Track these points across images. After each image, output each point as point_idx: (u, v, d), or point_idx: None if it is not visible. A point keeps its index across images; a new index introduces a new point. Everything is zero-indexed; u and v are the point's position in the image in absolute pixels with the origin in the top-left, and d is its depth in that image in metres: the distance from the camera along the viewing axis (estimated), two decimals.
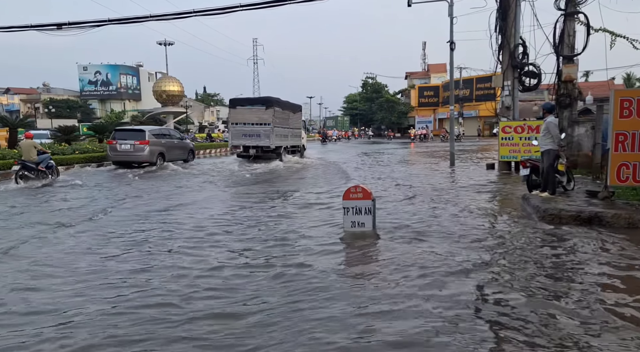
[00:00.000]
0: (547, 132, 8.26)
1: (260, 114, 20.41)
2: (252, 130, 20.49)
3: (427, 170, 16.46)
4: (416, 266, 5.08)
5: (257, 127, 20.43)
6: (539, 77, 14.02)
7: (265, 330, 3.60)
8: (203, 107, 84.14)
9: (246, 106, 20.95)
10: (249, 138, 20.59)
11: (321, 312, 3.91)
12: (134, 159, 18.36)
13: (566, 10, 13.13)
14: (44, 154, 14.14)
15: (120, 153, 18.29)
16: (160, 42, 66.58)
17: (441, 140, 47.78)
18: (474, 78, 58.37)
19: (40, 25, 18.80)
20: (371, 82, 74.65)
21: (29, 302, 4.28)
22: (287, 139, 22.48)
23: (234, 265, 5.33)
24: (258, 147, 20.48)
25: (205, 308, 4.06)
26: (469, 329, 3.54)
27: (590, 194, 8.39)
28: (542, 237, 6.31)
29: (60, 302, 4.26)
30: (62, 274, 5.09)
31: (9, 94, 70.37)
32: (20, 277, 5.00)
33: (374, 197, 6.77)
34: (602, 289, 4.38)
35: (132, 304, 4.19)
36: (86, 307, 4.12)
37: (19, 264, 5.49)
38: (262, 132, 20.33)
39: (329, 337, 3.45)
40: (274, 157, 20.67)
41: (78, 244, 6.40)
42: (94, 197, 10.87)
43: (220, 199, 10.69)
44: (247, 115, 20.64)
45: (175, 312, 3.99)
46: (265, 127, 20.30)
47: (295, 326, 3.66)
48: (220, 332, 3.59)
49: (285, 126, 22.14)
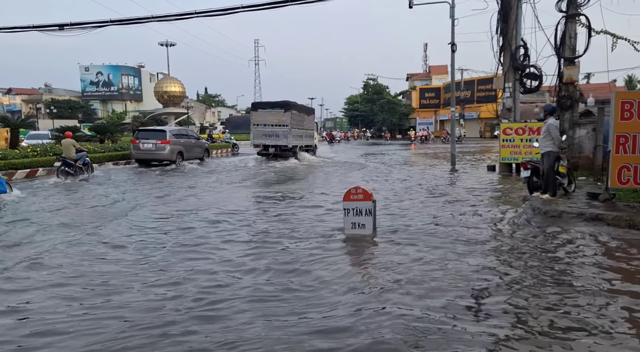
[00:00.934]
0: (548, 134, 8.27)
1: (279, 116, 22.26)
2: (272, 131, 22.36)
3: (428, 172, 16.46)
4: (415, 271, 5.09)
5: (276, 128, 22.30)
6: (540, 79, 14.02)
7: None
8: (204, 108, 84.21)
9: (266, 109, 22.83)
10: (269, 138, 22.44)
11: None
12: (155, 157, 19.52)
13: (567, 12, 13.12)
14: (81, 152, 15.40)
15: (143, 151, 19.42)
16: (161, 43, 66.62)
17: (442, 141, 47.77)
18: (475, 80, 58.41)
19: (42, 25, 18.84)
20: (372, 83, 74.64)
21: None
22: (302, 139, 24.17)
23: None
24: (277, 146, 22.26)
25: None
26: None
27: (591, 196, 8.39)
28: (544, 238, 6.31)
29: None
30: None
31: (10, 94, 70.53)
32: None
33: (374, 199, 6.77)
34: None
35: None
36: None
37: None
38: (281, 132, 22.21)
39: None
40: (290, 156, 22.32)
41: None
42: (129, 191, 11.95)
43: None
44: (267, 117, 22.50)
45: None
46: (284, 128, 22.17)
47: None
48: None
49: (300, 127, 23.89)
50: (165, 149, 19.21)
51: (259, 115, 22.87)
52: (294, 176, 15.93)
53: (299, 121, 23.75)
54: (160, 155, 19.34)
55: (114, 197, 10.86)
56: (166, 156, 19.33)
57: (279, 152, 22.25)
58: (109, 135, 28.29)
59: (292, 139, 22.24)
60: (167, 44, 66.42)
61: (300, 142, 23.67)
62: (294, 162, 21.10)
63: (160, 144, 19.15)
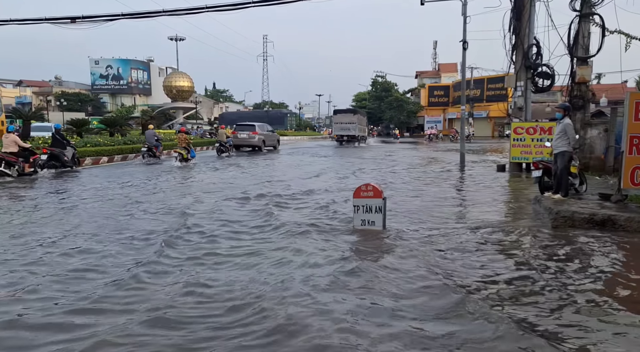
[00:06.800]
0: (564, 134, 8.17)
1: (350, 117, 37.23)
2: (345, 127, 36.85)
3: (437, 170, 16.38)
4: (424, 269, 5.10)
5: (348, 125, 36.75)
6: (552, 78, 13.90)
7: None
8: (212, 103, 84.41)
9: (342, 113, 37.91)
10: (343, 131, 37.00)
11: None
12: (248, 143, 26.62)
13: (581, 12, 13.00)
14: (159, 141, 20.70)
15: (240, 139, 26.32)
16: (171, 37, 66.88)
17: (450, 140, 47.53)
18: (485, 78, 58.01)
19: (54, 18, 18.93)
20: (381, 80, 74.28)
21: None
22: (361, 132, 38.86)
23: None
24: (348, 136, 36.92)
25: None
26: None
27: (603, 196, 8.30)
28: (552, 239, 6.27)
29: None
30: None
31: (21, 86, 71.05)
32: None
33: (385, 196, 6.75)
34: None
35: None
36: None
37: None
38: (351, 127, 36.73)
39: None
40: (355, 142, 37.04)
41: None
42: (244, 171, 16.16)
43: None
44: (343, 119, 37.22)
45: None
46: (352, 125, 36.68)
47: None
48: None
49: (360, 124, 38.59)
50: (255, 138, 26.34)
51: (338, 117, 37.58)
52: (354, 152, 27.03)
53: (360, 120, 38.48)
54: (251, 142, 26.46)
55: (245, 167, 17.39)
56: (255, 143, 26.51)
57: (348, 140, 36.87)
58: (118, 129, 28.45)
59: (357, 132, 36.80)
60: (177, 38, 66.59)
61: (360, 134, 38.06)
62: (358, 145, 36.30)
63: (252, 134, 26.25)
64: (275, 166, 18.20)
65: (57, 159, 14.69)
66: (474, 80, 57.53)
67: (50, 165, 14.59)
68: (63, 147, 15.07)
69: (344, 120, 36.72)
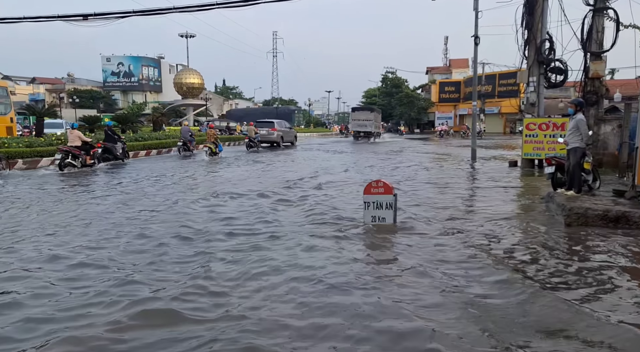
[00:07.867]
0: (577, 130, 8.08)
1: (367, 115, 39.39)
2: (362, 123, 38.91)
3: (449, 166, 16.31)
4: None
5: (364, 121, 38.83)
6: (565, 73, 13.73)
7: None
8: (222, 100, 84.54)
9: (360, 111, 40.78)
10: (360, 127, 39.03)
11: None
12: (268, 139, 27.82)
13: (595, 6, 12.80)
14: (192, 136, 22.24)
15: (260, 136, 26.53)
16: (181, 34, 67.09)
17: (461, 136, 47.19)
18: (496, 74, 57.37)
19: (66, 15, 19.11)
20: (391, 76, 73.82)
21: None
22: (376, 129, 41.16)
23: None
24: (365, 131, 38.97)
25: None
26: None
27: (617, 193, 8.21)
28: (568, 236, 6.22)
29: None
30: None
31: (35, 83, 71.81)
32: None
33: (396, 193, 6.73)
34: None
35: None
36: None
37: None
38: (367, 124, 38.79)
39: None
40: (371, 137, 39.13)
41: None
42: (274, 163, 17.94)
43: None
44: (360, 116, 39.43)
45: None
46: (369, 122, 38.79)
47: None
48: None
49: (376, 121, 40.84)
50: (274, 135, 27.80)
51: (356, 115, 40.02)
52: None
53: (376, 117, 41.02)
54: (271, 138, 27.80)
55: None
56: (274, 139, 27.93)
57: (364, 136, 38.86)
58: (129, 125, 28.70)
59: (372, 128, 39.04)
60: (187, 35, 66.79)
61: (375, 130, 40.36)
62: (374, 140, 38.57)
63: (272, 131, 27.72)
64: (314, 159, 19.68)
65: (109, 152, 16.24)
66: (486, 75, 56.84)
67: (105, 158, 16.01)
68: (114, 142, 16.64)
69: (361, 117, 38.91)
